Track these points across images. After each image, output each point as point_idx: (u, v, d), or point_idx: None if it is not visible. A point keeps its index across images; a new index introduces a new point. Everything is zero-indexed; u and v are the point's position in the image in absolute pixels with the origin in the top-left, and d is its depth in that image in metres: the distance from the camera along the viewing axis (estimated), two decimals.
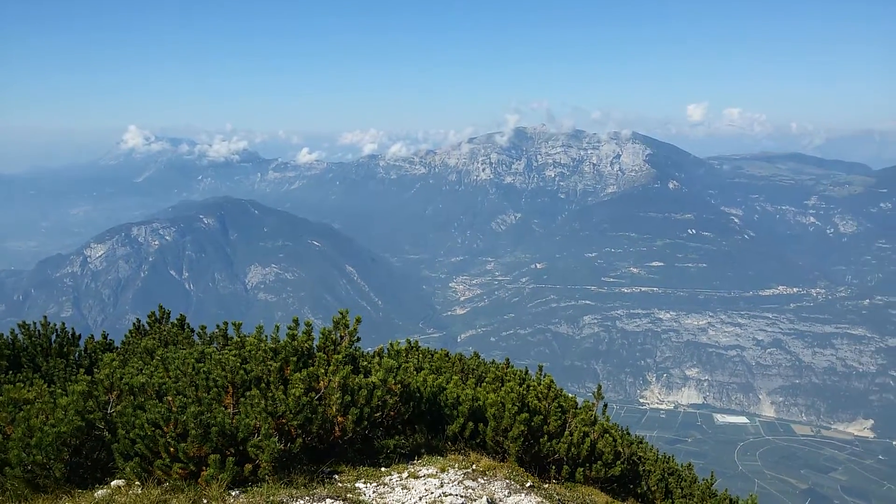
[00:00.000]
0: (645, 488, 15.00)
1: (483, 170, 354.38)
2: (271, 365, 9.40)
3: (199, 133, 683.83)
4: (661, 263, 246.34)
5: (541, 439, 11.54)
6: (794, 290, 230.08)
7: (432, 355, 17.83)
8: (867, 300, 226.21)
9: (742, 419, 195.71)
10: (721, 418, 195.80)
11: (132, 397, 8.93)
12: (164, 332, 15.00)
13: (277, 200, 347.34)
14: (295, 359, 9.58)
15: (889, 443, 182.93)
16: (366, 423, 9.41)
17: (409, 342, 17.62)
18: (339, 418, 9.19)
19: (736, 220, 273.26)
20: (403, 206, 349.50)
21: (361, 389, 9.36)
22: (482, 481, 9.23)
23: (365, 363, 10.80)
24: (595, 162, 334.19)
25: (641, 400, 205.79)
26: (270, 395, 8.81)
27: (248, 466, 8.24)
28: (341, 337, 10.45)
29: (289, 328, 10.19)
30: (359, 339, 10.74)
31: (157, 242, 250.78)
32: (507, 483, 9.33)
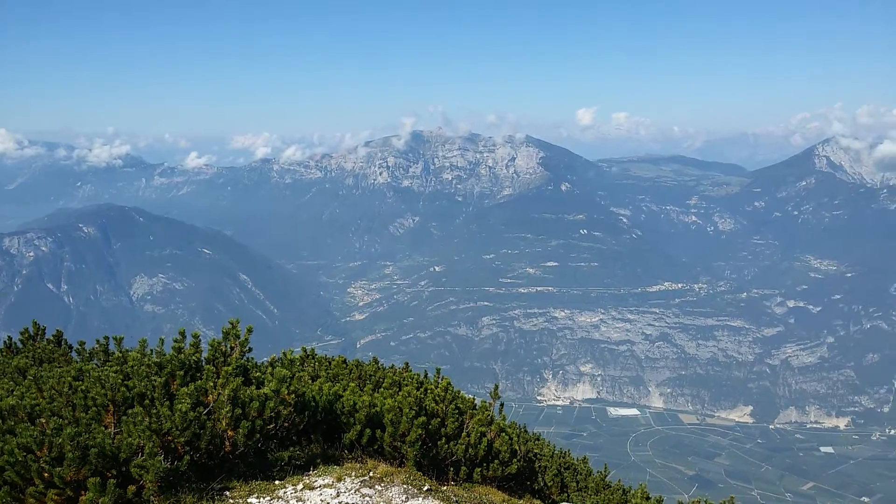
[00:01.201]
0: (542, 484, 15.37)
1: (380, 173, 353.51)
2: (156, 380, 8.98)
3: (77, 137, 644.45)
4: (556, 263, 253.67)
5: (439, 442, 11.57)
6: (679, 285, 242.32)
7: (329, 363, 17.58)
8: (744, 293, 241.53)
9: (633, 411, 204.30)
10: (614, 411, 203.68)
11: (0, 421, 8.31)
12: (39, 350, 14.06)
13: (164, 207, 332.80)
14: (182, 373, 9.20)
15: (766, 427, 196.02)
16: (258, 435, 9.15)
17: (305, 350, 17.30)
18: (230, 432, 8.90)
19: (624, 220, 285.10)
20: (299, 210, 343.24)
21: (253, 401, 9.09)
22: (379, 488, 9.17)
23: (258, 374, 10.48)
24: (491, 165, 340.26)
25: (539, 397, 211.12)
26: (155, 411, 8.42)
27: (132, 488, 7.83)
28: (232, 348, 10.12)
29: (175, 341, 9.79)
30: (251, 350, 10.44)
31: (31, 254, 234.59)
32: (405, 488, 9.32)
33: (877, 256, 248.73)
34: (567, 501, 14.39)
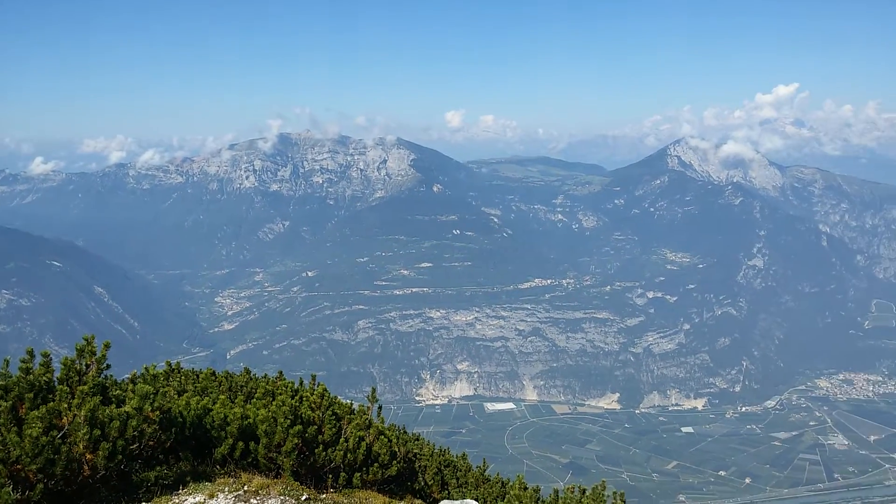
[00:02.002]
0: (422, 483, 15.44)
1: (247, 177, 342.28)
2: (1, 405, 8.22)
3: None
4: (430, 264, 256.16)
5: (316, 450, 11.34)
6: (548, 281, 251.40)
7: (197, 376, 16.83)
8: (608, 286, 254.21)
9: (510, 405, 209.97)
10: (491, 407, 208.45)
11: None
12: None
13: (6, 217, 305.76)
14: (31, 395, 8.48)
15: (632, 412, 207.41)
16: (120, 457, 8.58)
17: (170, 365, 16.45)
18: (88, 455, 8.29)
19: (495, 220, 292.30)
20: (159, 218, 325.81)
21: (113, 421, 8.52)
22: (255, 502, 8.86)
23: (118, 392, 9.83)
24: (362, 167, 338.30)
25: (418, 398, 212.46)
26: (1, 438, 7.70)
27: None
28: (88, 366, 9.43)
29: (22, 361, 9.00)
30: (109, 367, 9.78)
31: None
32: (282, 499, 9.05)
33: (724, 248, 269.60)
34: (448, 499, 14.52)
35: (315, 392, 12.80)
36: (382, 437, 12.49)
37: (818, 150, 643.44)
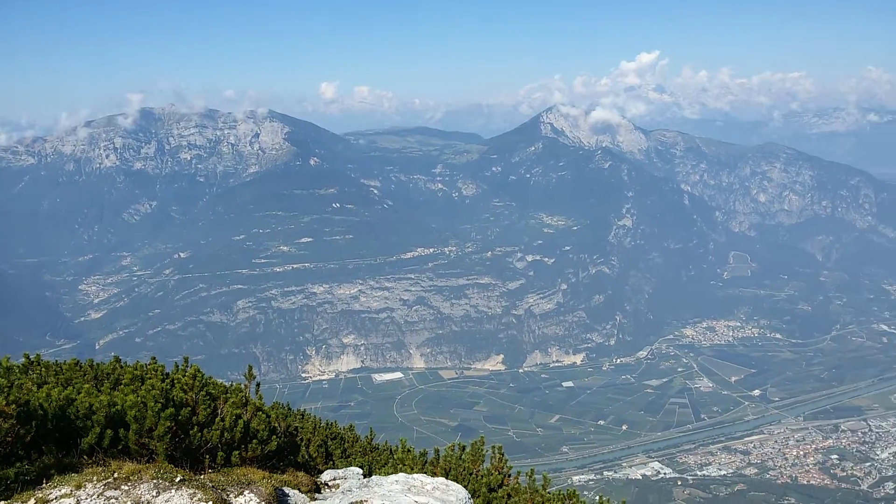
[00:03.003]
0: (306, 456, 15.49)
1: (107, 156, 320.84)
2: None
3: None
4: (311, 239, 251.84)
5: (191, 431, 11.14)
6: (431, 250, 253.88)
7: (60, 367, 15.98)
8: (489, 252, 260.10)
9: (397, 375, 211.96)
10: (379, 377, 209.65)
11: None
12: None
13: None
14: None
15: (517, 371, 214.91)
16: None
17: (28, 357, 15.50)
18: None
19: (375, 192, 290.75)
20: (10, 203, 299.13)
21: None
22: (126, 488, 8.64)
23: None
24: (233, 142, 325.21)
25: (304, 374, 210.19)
26: None
27: None
28: None
29: None
30: None
31: None
32: (155, 483, 8.87)
33: (596, 210, 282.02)
34: (332, 468, 14.67)
35: (187, 374, 12.51)
36: (260, 413, 12.41)
37: (678, 114, 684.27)
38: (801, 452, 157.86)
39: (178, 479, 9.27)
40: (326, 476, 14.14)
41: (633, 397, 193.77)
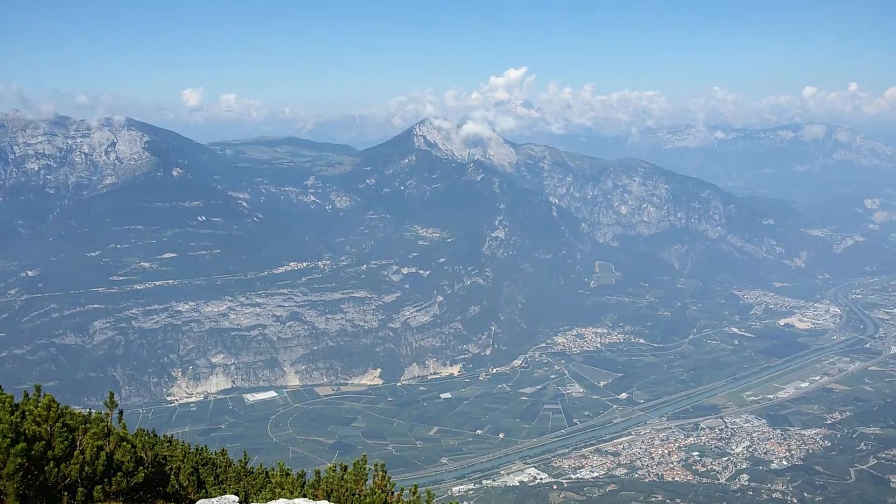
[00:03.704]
0: (176, 486, 14.38)
1: None
2: None
3: None
4: (174, 254, 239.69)
5: (46, 467, 10.00)
6: (304, 264, 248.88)
7: None
8: (364, 265, 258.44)
9: (271, 394, 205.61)
10: (251, 397, 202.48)
11: None
12: None
13: None
14: None
15: (395, 385, 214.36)
16: None
17: None
18: None
19: (244, 204, 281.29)
20: None
21: None
22: None
23: None
24: (87, 151, 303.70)
25: (169, 398, 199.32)
26: None
27: None
28: None
29: None
30: None
31: None
32: None
33: (470, 222, 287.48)
34: (206, 497, 13.68)
35: (40, 404, 11.26)
36: (125, 443, 11.35)
37: (545, 129, 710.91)
38: (666, 451, 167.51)
39: None
40: None
41: (510, 405, 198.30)
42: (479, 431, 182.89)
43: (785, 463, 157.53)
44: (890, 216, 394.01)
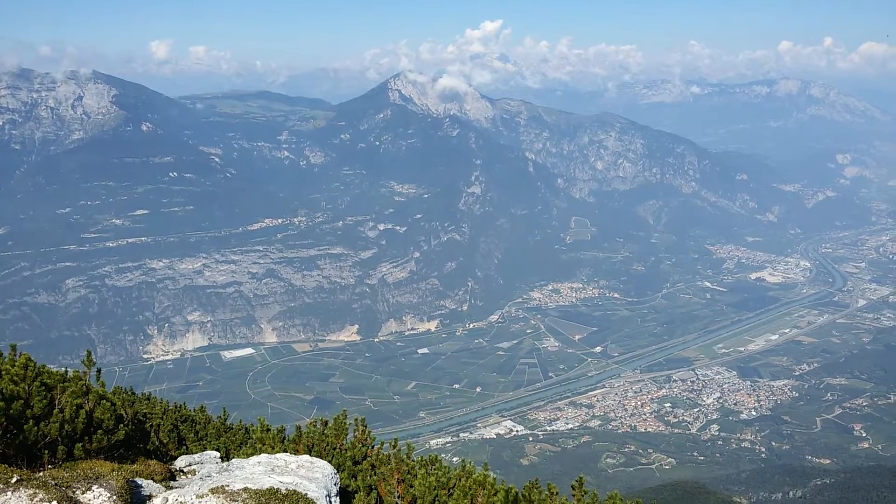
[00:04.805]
0: (157, 443, 14.48)
1: None
2: None
3: None
4: (147, 211, 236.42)
5: (25, 426, 10.01)
6: (279, 220, 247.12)
7: None
8: (340, 222, 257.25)
9: (248, 351, 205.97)
10: (229, 354, 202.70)
11: None
12: None
13: None
14: None
15: (372, 341, 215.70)
16: None
17: None
18: None
19: (216, 160, 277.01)
20: None
21: None
22: None
23: None
24: (53, 105, 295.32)
25: (146, 356, 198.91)
26: None
27: None
28: None
29: None
30: None
31: None
32: None
33: (446, 177, 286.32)
34: (186, 454, 13.80)
35: (17, 363, 11.19)
36: (104, 401, 11.35)
37: (522, 83, 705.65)
38: (639, 403, 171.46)
39: (13, 479, 8.20)
40: (181, 462, 13.30)
41: (486, 360, 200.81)
42: (456, 386, 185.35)
43: (754, 413, 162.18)
44: (861, 171, 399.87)
